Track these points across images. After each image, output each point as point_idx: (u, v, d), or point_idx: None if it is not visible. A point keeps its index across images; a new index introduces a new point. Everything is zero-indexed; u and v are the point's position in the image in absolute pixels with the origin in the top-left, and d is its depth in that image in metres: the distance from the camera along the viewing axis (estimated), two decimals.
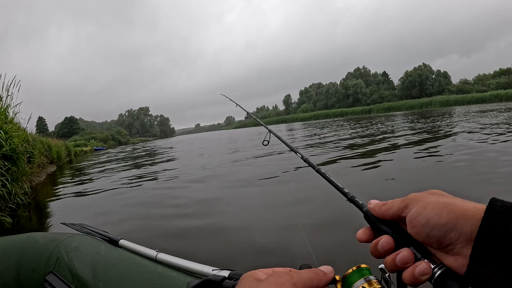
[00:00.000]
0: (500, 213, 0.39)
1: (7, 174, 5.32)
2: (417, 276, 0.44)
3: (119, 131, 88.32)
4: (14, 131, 6.02)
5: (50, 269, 1.37)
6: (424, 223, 0.45)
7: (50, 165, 14.28)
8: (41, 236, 1.58)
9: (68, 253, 1.41)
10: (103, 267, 1.29)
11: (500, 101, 50.21)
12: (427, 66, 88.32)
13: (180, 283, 1.13)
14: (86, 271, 1.29)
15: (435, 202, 0.45)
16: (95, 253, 1.40)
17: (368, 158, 6.88)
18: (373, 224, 0.54)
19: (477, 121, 13.52)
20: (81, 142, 42.84)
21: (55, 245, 1.48)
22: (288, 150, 1.09)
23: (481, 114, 18.82)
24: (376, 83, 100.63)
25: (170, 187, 6.29)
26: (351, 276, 0.52)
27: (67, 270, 1.33)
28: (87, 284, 1.24)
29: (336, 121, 40.65)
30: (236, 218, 3.80)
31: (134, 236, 3.43)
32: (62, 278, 1.31)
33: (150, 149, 26.48)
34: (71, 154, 24.15)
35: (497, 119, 13.44)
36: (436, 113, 30.34)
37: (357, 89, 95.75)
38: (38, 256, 1.44)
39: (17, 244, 1.52)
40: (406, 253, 0.46)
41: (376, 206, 0.54)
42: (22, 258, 1.45)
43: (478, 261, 0.40)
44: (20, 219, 4.98)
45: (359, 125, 22.60)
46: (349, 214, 2.96)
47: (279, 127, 48.62)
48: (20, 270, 1.42)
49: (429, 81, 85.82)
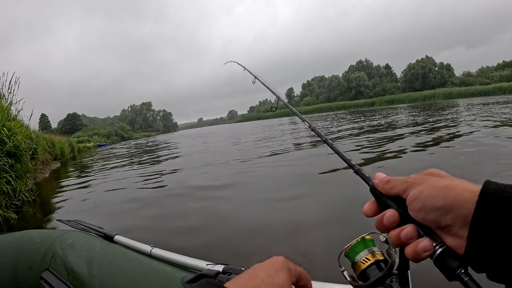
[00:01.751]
0: (494, 196, 0.41)
1: (11, 171, 5.35)
2: (419, 251, 0.46)
3: (122, 126, 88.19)
4: (17, 128, 6.04)
5: (46, 266, 1.38)
6: (421, 207, 0.47)
7: (53, 161, 14.29)
8: (36, 234, 1.59)
9: (63, 250, 1.41)
10: (98, 263, 1.29)
11: (503, 94, 49.79)
12: (430, 59, 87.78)
13: (174, 278, 1.14)
14: (81, 267, 1.30)
15: (432, 186, 0.47)
16: (90, 249, 1.40)
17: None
18: (378, 199, 0.55)
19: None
20: (84, 138, 42.79)
21: (50, 242, 1.48)
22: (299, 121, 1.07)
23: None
24: (378, 75, 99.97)
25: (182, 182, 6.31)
26: (356, 246, 0.54)
27: (62, 267, 1.34)
28: (83, 280, 1.24)
29: (339, 114, 40.34)
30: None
31: (143, 233, 3.48)
32: (57, 275, 1.32)
33: (161, 144, 26.32)
34: (74, 150, 24.13)
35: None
36: (444, 105, 30.09)
37: (360, 82, 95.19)
38: (34, 254, 1.45)
39: (13, 242, 1.53)
40: (411, 229, 0.48)
41: (380, 182, 0.54)
42: (18, 256, 1.45)
43: (475, 243, 0.42)
44: (25, 215, 5.02)
45: (372, 117, 22.45)
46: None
47: (281, 120, 48.39)
48: (16, 268, 1.42)
49: (432, 74, 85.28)
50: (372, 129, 12.66)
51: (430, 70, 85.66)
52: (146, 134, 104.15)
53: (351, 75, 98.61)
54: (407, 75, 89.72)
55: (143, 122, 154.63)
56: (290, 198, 4.10)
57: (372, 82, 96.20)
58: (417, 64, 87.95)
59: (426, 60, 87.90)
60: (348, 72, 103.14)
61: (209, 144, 16.76)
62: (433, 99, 60.97)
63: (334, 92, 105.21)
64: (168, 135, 62.10)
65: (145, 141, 37.52)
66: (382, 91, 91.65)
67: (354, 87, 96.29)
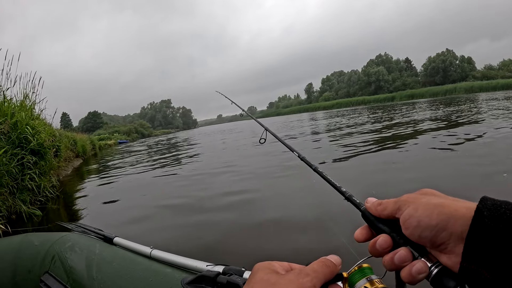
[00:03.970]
0: (490, 212, 0.40)
1: (35, 168, 5.48)
2: (414, 274, 0.45)
3: (142, 123, 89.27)
4: (40, 126, 6.18)
5: (46, 269, 1.38)
6: (416, 225, 0.46)
7: (76, 158, 14.60)
8: (36, 237, 1.60)
9: (62, 253, 1.42)
10: (97, 266, 1.29)
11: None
12: (451, 52, 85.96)
13: (174, 279, 1.14)
14: (81, 270, 1.30)
15: (426, 203, 0.47)
16: (90, 251, 1.40)
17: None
18: (371, 223, 0.55)
19: None
20: (105, 135, 43.47)
21: (49, 245, 1.49)
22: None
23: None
24: (398, 70, 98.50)
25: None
26: (353, 276, 0.52)
27: (62, 269, 1.34)
28: (82, 283, 1.24)
29: (362, 109, 39.88)
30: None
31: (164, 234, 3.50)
32: (57, 278, 1.32)
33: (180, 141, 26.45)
34: (95, 147, 24.58)
35: None
36: (469, 98, 29.40)
37: (379, 77, 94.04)
38: (33, 257, 1.46)
39: (12, 246, 1.53)
40: (404, 252, 0.47)
41: (372, 205, 0.55)
42: (18, 260, 1.46)
43: (470, 259, 0.41)
44: (49, 212, 5.13)
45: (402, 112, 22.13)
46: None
47: (301, 116, 48.19)
48: (16, 272, 1.42)
49: (452, 67, 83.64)
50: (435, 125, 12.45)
51: (451, 63, 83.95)
52: (166, 131, 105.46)
53: (371, 70, 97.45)
54: (427, 69, 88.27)
55: (163, 119, 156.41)
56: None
57: (392, 77, 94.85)
58: (438, 58, 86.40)
59: (446, 53, 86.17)
60: (367, 66, 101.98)
61: (238, 141, 16.75)
62: (454, 93, 59.71)
63: (354, 87, 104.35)
64: (188, 132, 62.52)
65: (164, 138, 37.75)
66: (402, 85, 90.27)
67: (373, 81, 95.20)
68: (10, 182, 4.67)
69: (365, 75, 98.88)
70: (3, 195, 4.42)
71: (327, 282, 0.48)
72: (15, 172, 4.89)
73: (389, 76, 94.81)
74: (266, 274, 0.47)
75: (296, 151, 0.99)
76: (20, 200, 4.79)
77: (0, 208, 4.12)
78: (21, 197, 4.87)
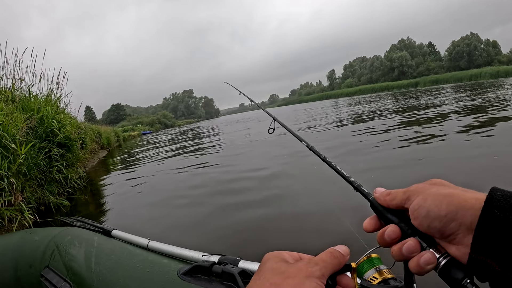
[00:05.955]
0: (500, 203, 0.40)
1: (62, 160, 5.66)
2: (422, 265, 0.45)
3: (164, 114, 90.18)
4: (66, 120, 6.34)
5: (46, 264, 1.41)
6: (425, 215, 0.46)
7: (101, 150, 14.88)
8: (35, 232, 1.63)
9: (62, 247, 1.45)
10: (96, 258, 1.31)
11: None
12: (475, 35, 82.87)
13: (171, 269, 1.16)
14: (80, 263, 1.32)
15: (435, 194, 0.46)
16: (89, 244, 1.43)
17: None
18: (379, 213, 0.54)
19: None
20: (128, 127, 44.22)
21: (49, 239, 1.52)
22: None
23: None
24: (421, 54, 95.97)
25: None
26: (362, 266, 0.54)
27: (61, 263, 1.36)
28: (82, 276, 1.26)
29: (386, 95, 38.95)
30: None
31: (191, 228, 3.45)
32: (57, 272, 1.35)
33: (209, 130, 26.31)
34: (120, 139, 24.88)
35: None
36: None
37: (402, 62, 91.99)
38: (34, 252, 1.48)
39: (13, 242, 1.56)
40: (412, 243, 0.47)
41: (381, 195, 0.54)
42: (19, 255, 1.49)
43: (479, 250, 0.41)
44: (77, 202, 5.29)
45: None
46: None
47: (324, 103, 47.53)
48: (17, 267, 1.45)
49: (477, 51, 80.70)
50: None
51: (476, 47, 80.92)
52: (188, 121, 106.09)
53: (394, 55, 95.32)
54: (452, 53, 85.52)
55: (185, 109, 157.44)
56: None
57: (415, 62, 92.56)
58: (462, 42, 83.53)
59: (471, 37, 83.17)
60: (390, 51, 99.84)
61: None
62: (479, 78, 57.68)
63: (376, 73, 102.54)
64: (212, 121, 62.43)
65: (189, 127, 37.51)
66: (426, 70, 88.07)
67: (396, 67, 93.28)
68: (38, 174, 4.85)
69: (388, 60, 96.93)
70: (32, 187, 4.59)
71: (335, 272, 0.48)
72: (43, 165, 5.08)
73: (413, 61, 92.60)
74: (276, 263, 0.47)
75: (305, 141, 0.98)
76: (48, 192, 4.97)
77: (30, 199, 4.29)
78: (49, 189, 5.05)
